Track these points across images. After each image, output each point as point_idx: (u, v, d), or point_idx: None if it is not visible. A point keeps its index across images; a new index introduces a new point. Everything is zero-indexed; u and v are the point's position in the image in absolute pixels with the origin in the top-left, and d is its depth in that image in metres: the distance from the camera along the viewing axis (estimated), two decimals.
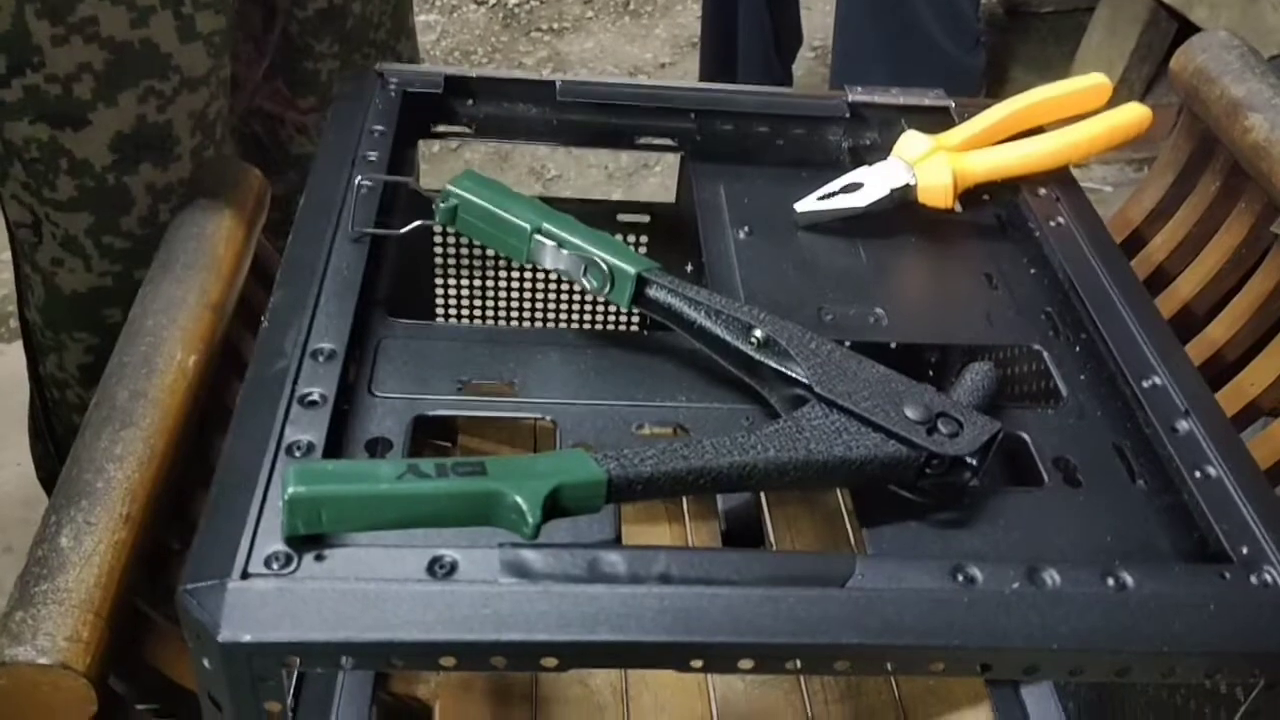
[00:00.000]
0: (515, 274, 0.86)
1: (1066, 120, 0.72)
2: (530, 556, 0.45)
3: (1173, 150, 0.86)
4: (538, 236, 0.59)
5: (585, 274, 0.59)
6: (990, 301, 0.65)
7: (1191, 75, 0.82)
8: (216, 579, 0.43)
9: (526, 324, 0.89)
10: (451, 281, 0.86)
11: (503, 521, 0.45)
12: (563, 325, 0.89)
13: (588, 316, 0.90)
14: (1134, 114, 0.70)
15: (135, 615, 0.56)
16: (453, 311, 0.88)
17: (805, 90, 0.76)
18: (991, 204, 0.72)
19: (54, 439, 0.96)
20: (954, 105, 0.76)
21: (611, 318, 0.90)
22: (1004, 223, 0.71)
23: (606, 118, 0.76)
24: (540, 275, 0.86)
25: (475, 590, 0.43)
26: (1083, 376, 0.60)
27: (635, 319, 0.89)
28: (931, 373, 0.77)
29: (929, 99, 0.76)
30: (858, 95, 0.75)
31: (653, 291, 0.58)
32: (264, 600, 0.42)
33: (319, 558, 0.44)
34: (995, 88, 2.00)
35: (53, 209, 0.82)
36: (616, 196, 2.23)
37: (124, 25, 0.76)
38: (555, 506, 0.46)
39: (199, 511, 0.68)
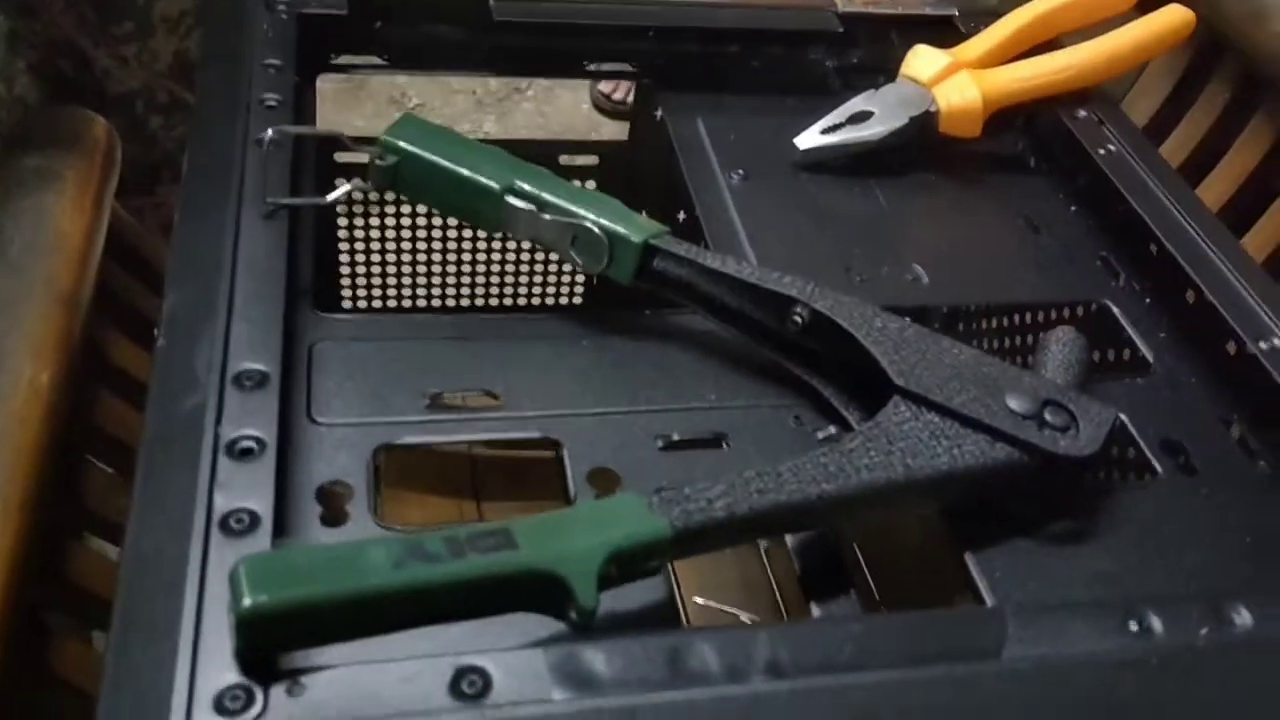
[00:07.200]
0: (466, 245, 0.71)
1: (1090, 27, 0.62)
2: (588, 657, 0.33)
3: (1169, 60, 0.77)
4: (510, 199, 0.46)
5: (574, 245, 0.46)
6: (1036, 249, 0.55)
7: None
8: None
9: (472, 303, 0.74)
10: (375, 257, 0.71)
11: (542, 607, 0.33)
12: (535, 301, 0.74)
13: (563, 289, 0.75)
14: (1177, 17, 0.60)
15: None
16: (375, 295, 0.72)
17: (786, 1, 0.64)
18: (1012, 130, 0.62)
19: None
20: (958, 14, 0.65)
21: (577, 287, 0.76)
22: (1031, 153, 0.61)
23: (550, 39, 0.62)
24: (496, 242, 0.72)
25: (523, 716, 0.31)
26: (1163, 334, 0.51)
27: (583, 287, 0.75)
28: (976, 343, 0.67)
29: (929, 7, 0.65)
30: (850, 6, 0.64)
31: (661, 263, 0.46)
32: None
33: (292, 690, 0.31)
34: None
35: None
36: (488, 126, 2.06)
37: None
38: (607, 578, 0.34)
39: (75, 569, 0.53)
